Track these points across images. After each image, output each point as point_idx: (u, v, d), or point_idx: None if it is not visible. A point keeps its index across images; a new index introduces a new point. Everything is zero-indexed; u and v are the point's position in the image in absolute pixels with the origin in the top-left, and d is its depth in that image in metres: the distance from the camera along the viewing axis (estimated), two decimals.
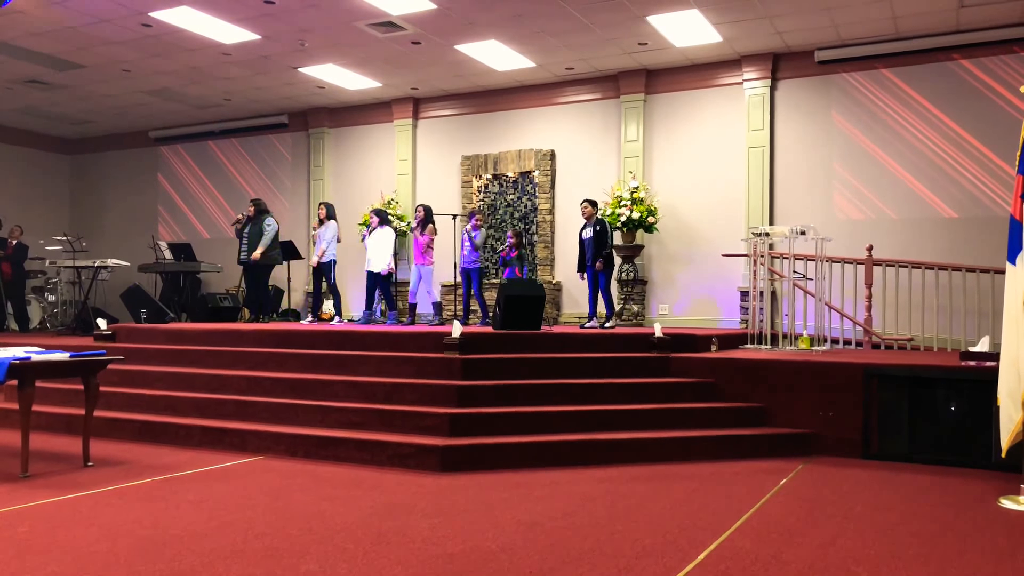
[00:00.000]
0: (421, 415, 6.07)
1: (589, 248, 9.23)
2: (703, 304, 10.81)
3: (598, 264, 9.09)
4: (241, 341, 8.18)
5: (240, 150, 14.30)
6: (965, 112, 9.48)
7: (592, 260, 9.16)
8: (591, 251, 9.19)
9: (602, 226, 9.16)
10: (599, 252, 9.11)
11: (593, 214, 9.34)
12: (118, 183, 15.64)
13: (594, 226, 9.19)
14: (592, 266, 9.16)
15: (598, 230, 9.14)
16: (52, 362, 5.48)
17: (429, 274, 10.24)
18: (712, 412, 6.51)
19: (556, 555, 3.71)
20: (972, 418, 5.87)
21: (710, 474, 5.52)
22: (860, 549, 3.85)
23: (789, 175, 10.39)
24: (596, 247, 9.12)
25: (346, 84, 11.88)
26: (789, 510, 4.58)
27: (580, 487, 5.11)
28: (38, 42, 10.14)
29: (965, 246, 9.31)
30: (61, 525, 4.18)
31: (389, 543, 3.88)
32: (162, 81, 11.86)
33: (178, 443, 6.54)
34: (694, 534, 4.07)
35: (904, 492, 5.09)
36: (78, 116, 14.09)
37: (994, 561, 3.70)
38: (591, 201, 9.43)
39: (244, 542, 3.88)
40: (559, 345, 7.42)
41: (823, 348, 7.98)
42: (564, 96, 11.72)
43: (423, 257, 10.18)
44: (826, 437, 6.32)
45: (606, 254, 9.13)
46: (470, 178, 12.24)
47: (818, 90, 10.26)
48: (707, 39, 9.83)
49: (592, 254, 9.16)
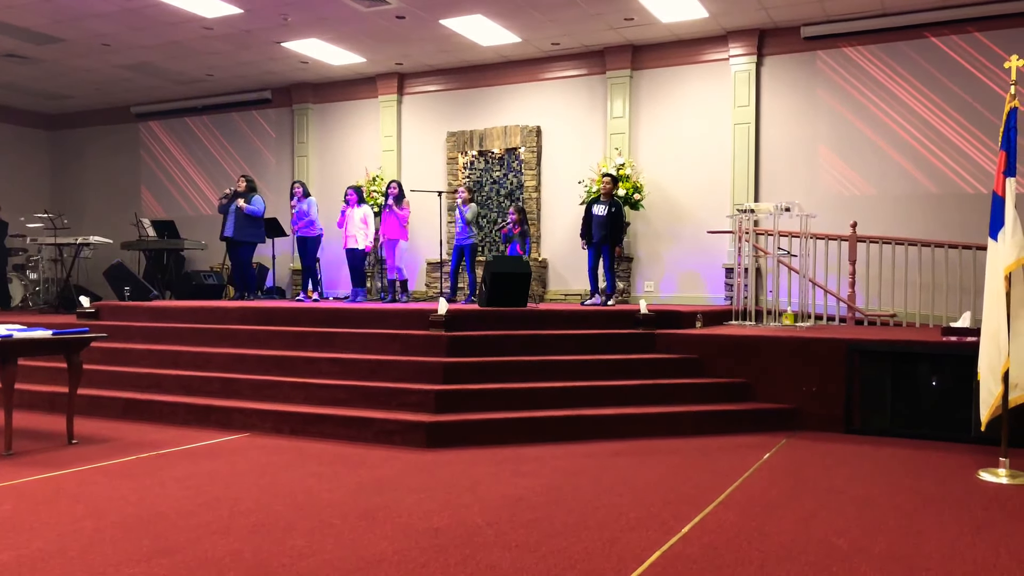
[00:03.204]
0: (407, 392, 6.08)
1: (598, 225, 9.20)
2: (689, 281, 10.84)
3: (618, 250, 9.24)
4: (226, 318, 8.14)
5: (223, 126, 14.13)
6: (950, 88, 9.49)
7: (609, 241, 9.15)
8: (603, 229, 9.16)
9: (618, 207, 9.21)
10: (617, 234, 9.16)
11: (612, 191, 9.31)
12: (100, 159, 15.44)
13: (610, 206, 9.18)
14: (615, 246, 9.20)
15: (614, 211, 9.14)
16: (34, 340, 5.45)
17: (404, 250, 10.30)
18: (697, 388, 6.56)
19: (542, 529, 3.74)
20: (953, 393, 5.94)
21: (694, 449, 5.57)
22: (841, 521, 3.91)
23: (775, 152, 10.39)
24: (612, 227, 9.12)
25: (330, 59, 11.75)
26: (772, 484, 4.63)
27: (565, 462, 5.15)
28: (15, 15, 9.94)
29: (948, 222, 9.36)
30: (45, 502, 4.17)
31: (375, 518, 3.90)
32: (143, 56, 11.68)
33: (163, 421, 6.52)
34: (678, 508, 4.11)
35: (885, 466, 5.16)
36: (57, 91, 13.87)
37: (972, 532, 3.76)
38: (613, 177, 9.43)
39: (230, 518, 3.89)
40: (545, 322, 7.44)
41: (807, 324, 8.03)
42: (550, 72, 11.65)
43: (401, 231, 10.19)
44: (809, 412, 6.38)
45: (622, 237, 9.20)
46: (456, 155, 12.17)
47: (804, 66, 10.24)
48: (693, 14, 9.77)
49: (608, 235, 9.14)
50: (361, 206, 10.44)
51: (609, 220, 9.14)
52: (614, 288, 9.37)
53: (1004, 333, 4.77)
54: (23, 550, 3.42)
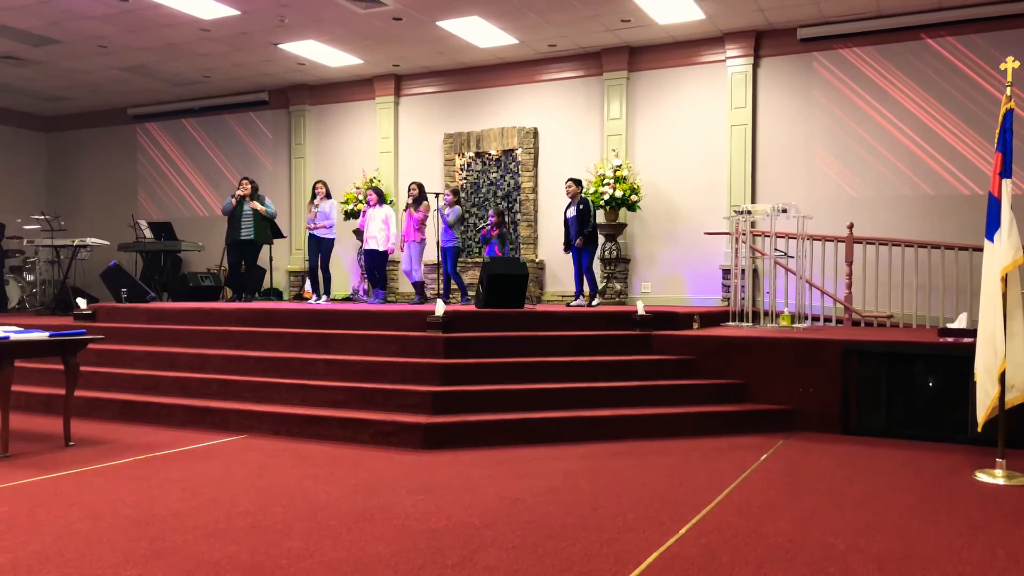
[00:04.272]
0: (404, 393, 6.08)
1: (573, 227, 9.24)
2: (685, 282, 10.85)
3: (578, 241, 9.12)
4: (223, 320, 8.13)
5: (220, 128, 14.13)
6: (946, 89, 9.52)
7: (575, 238, 9.17)
8: (575, 229, 9.19)
9: (585, 205, 9.19)
10: (582, 230, 9.12)
11: (577, 193, 9.33)
12: (96, 161, 15.43)
13: (577, 205, 9.21)
14: (575, 244, 9.18)
15: (581, 209, 9.15)
16: (31, 341, 5.43)
17: (419, 252, 10.25)
18: (694, 389, 6.56)
19: (539, 530, 3.74)
20: (950, 393, 5.95)
21: (692, 450, 5.58)
22: (838, 522, 3.91)
23: (771, 153, 10.41)
24: (579, 225, 9.14)
25: (327, 61, 11.75)
26: (769, 484, 4.64)
27: (563, 463, 5.15)
28: (12, 17, 9.93)
29: (944, 223, 9.38)
30: (42, 504, 4.16)
31: (372, 519, 3.90)
32: (140, 57, 11.68)
33: (160, 422, 6.51)
34: (676, 509, 4.11)
35: (882, 466, 5.16)
36: (54, 93, 13.85)
37: (969, 532, 3.76)
38: (575, 180, 9.42)
39: (227, 520, 3.88)
40: (542, 323, 7.44)
41: (804, 325, 8.04)
42: (547, 73, 11.66)
43: (416, 233, 10.19)
44: (806, 413, 6.39)
45: (588, 232, 9.14)
46: (453, 156, 12.17)
47: (800, 68, 10.26)
48: (690, 16, 9.79)
49: (575, 232, 9.17)
50: (382, 206, 10.36)
51: (578, 220, 9.16)
52: (596, 289, 9.35)
53: (1000, 334, 4.78)
54: (20, 552, 3.42)
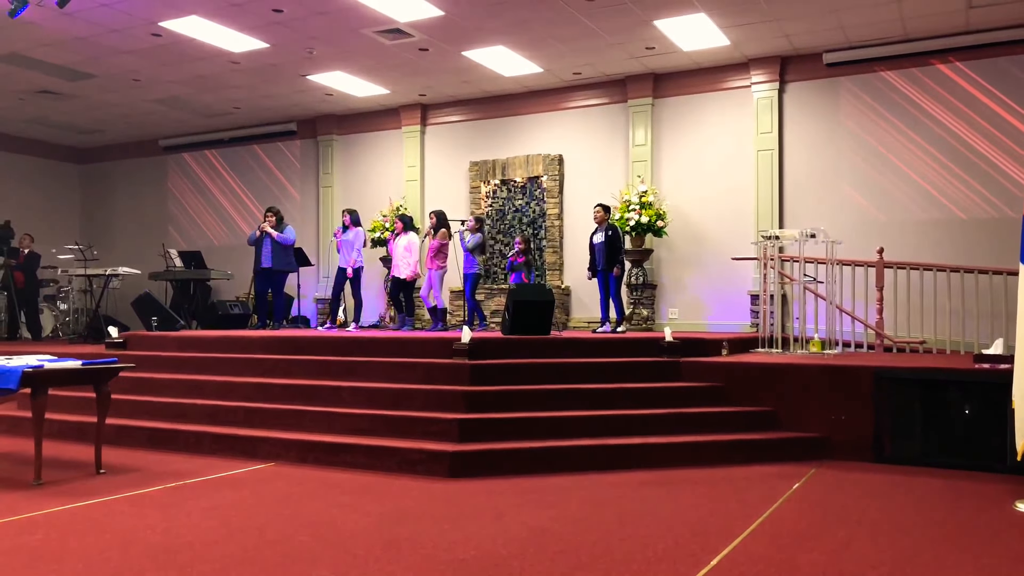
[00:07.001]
0: (430, 421, 6.07)
1: (600, 253, 9.21)
2: (713, 308, 10.76)
3: (616, 270, 9.06)
4: (250, 348, 8.20)
5: (249, 158, 14.35)
6: (974, 112, 9.43)
7: (606, 265, 9.11)
8: (603, 256, 9.17)
9: (614, 231, 9.16)
10: (613, 257, 9.07)
11: (605, 219, 9.31)
12: (128, 191, 15.73)
13: (606, 231, 9.17)
14: (609, 272, 9.09)
15: (610, 235, 9.11)
16: (64, 370, 5.50)
17: (437, 279, 10.26)
18: (723, 416, 6.48)
19: (567, 561, 3.70)
20: (986, 421, 5.82)
21: (721, 479, 5.50)
22: (874, 554, 3.82)
23: (798, 178, 10.35)
24: (609, 252, 9.10)
25: (354, 91, 11.91)
26: (802, 514, 4.55)
27: (591, 492, 5.09)
28: (49, 53, 10.21)
29: (977, 247, 9.24)
30: (74, 532, 4.19)
31: (400, 549, 3.87)
32: (172, 90, 11.93)
33: (189, 450, 6.55)
34: (706, 539, 4.04)
35: (918, 496, 5.05)
36: (88, 125, 14.18)
37: (1010, 564, 3.66)
38: (604, 206, 9.41)
39: (256, 549, 3.88)
40: (568, 350, 7.40)
41: (834, 351, 7.93)
42: (572, 101, 11.72)
43: (431, 262, 10.22)
44: (838, 441, 6.27)
45: (620, 259, 9.11)
46: (478, 184, 12.24)
47: (826, 92, 10.22)
48: (714, 43, 9.81)
49: (605, 259, 9.14)
50: (407, 234, 10.31)
51: (607, 246, 9.12)
52: (623, 315, 9.29)
53: None
54: None
